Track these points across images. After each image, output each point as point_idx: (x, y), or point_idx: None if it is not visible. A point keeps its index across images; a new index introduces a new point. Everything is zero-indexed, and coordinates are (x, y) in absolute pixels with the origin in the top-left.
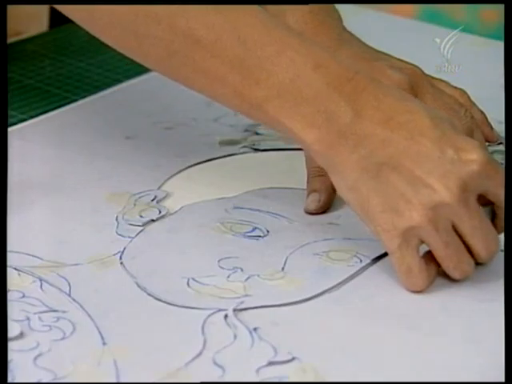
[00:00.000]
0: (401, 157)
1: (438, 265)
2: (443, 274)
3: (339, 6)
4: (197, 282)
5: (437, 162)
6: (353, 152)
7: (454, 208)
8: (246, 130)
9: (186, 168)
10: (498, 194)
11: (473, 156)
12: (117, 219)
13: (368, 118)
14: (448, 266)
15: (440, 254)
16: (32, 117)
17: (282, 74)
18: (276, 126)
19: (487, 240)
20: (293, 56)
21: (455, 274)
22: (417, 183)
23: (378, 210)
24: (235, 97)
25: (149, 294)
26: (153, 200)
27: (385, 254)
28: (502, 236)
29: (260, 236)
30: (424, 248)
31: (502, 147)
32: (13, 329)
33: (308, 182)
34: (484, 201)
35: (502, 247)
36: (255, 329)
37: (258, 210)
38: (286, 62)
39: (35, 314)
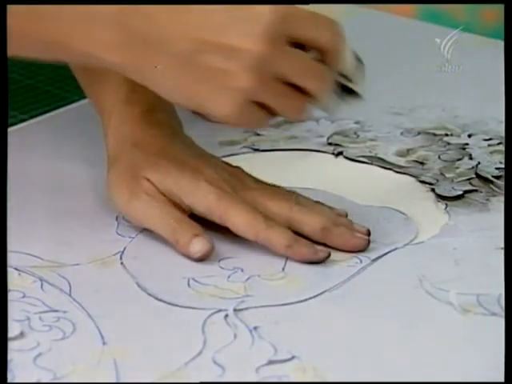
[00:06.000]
0: (198, 32)
1: None
2: None
3: (339, 6)
4: (197, 282)
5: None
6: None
7: (268, 58)
8: (246, 131)
9: None
10: (311, 35)
11: (264, 9)
12: (117, 219)
13: None
14: (283, 111)
15: (274, 103)
16: (32, 117)
17: None
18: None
19: (314, 75)
20: None
21: (293, 116)
22: (224, 52)
23: (203, 96)
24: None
25: (149, 294)
26: None
27: (385, 255)
28: (500, 235)
29: None
30: None
31: (501, 147)
32: (13, 329)
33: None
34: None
35: (502, 245)
36: (255, 328)
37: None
38: None
39: (35, 313)
